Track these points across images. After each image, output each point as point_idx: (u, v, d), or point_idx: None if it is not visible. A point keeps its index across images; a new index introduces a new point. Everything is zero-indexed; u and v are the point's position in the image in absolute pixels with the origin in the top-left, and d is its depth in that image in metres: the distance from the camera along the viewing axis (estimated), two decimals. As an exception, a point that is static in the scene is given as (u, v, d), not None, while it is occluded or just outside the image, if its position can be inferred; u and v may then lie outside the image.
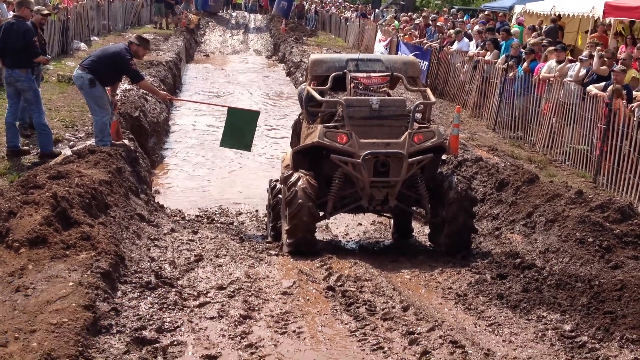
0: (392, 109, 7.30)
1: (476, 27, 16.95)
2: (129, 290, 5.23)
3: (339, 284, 5.93)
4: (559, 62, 11.64)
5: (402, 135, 7.04)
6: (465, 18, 22.97)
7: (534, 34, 15.27)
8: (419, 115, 7.65)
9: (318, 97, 7.40)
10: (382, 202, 7.27)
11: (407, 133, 7.02)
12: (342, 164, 7.02)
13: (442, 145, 7.31)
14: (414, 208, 7.87)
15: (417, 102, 7.56)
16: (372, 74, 7.55)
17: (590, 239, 6.39)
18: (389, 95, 7.74)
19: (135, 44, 8.74)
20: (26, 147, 9.02)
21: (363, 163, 6.85)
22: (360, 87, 7.46)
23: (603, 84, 10.15)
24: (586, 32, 17.53)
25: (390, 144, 6.97)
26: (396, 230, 8.58)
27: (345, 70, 7.56)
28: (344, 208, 7.55)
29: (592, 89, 10.15)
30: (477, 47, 15.67)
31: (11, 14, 11.68)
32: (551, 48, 12.22)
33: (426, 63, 17.38)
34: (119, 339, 4.46)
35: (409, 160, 6.93)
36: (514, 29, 17.60)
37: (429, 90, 7.94)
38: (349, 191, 7.34)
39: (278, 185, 7.80)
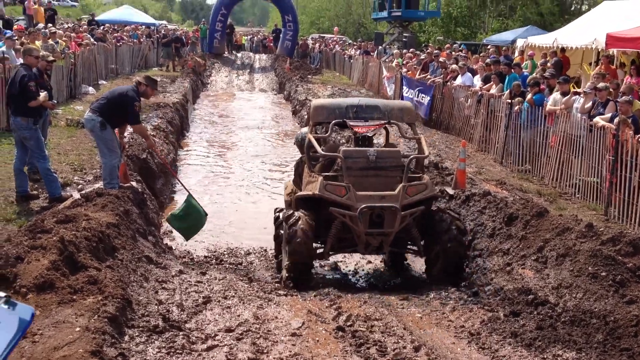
0: (388, 160, 7.68)
1: (487, 60, 17.01)
2: (136, 334, 5.17)
3: (348, 323, 5.85)
4: (563, 94, 11.66)
5: (397, 185, 7.41)
6: (462, 47, 23.14)
7: (539, 69, 15.36)
8: (412, 165, 7.96)
9: (318, 149, 7.75)
10: (377, 249, 7.70)
11: (401, 186, 7.38)
12: (340, 215, 7.38)
13: (434, 196, 7.78)
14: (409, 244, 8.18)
15: (411, 157, 7.94)
16: (369, 123, 7.96)
17: (603, 273, 6.29)
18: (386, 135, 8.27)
19: (143, 84, 8.85)
20: (35, 192, 9.04)
21: (359, 216, 7.22)
22: (359, 136, 8.12)
23: (610, 115, 10.14)
24: (590, 63, 17.65)
25: (385, 197, 7.30)
26: (391, 265, 8.92)
27: (345, 119, 7.95)
28: (341, 250, 7.99)
29: (599, 120, 10.14)
30: (481, 80, 15.75)
31: (20, 60, 11.87)
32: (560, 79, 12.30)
33: (429, 98, 17.48)
34: (127, 386, 4.39)
35: (402, 212, 7.31)
36: (526, 62, 17.74)
37: (423, 140, 8.24)
38: (346, 235, 7.68)
39: (281, 217, 8.08)
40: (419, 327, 6.12)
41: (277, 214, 8.50)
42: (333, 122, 7.96)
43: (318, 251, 7.81)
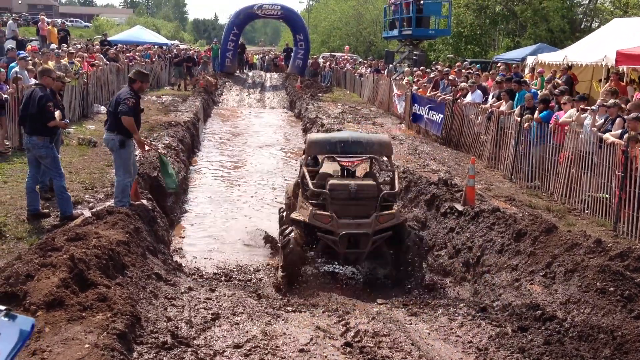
0: (366, 192, 9.16)
1: (497, 78, 17.08)
2: (145, 351, 5.21)
3: (356, 339, 5.87)
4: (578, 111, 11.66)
5: (372, 212, 9.00)
6: (476, 66, 23.20)
7: (549, 86, 15.38)
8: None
9: (309, 183, 9.25)
10: (354, 262, 9.38)
11: (374, 215, 8.94)
12: (324, 238, 9.04)
13: (401, 223, 9.28)
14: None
15: (383, 192, 9.27)
16: (353, 159, 9.88)
17: (612, 289, 6.28)
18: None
19: (138, 81, 9.09)
20: (46, 210, 9.14)
21: (340, 239, 8.86)
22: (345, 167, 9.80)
23: (619, 131, 10.14)
24: (600, 80, 17.65)
25: (360, 225, 8.93)
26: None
27: (333, 154, 9.74)
28: (326, 259, 9.53)
29: (609, 136, 10.14)
30: (492, 97, 15.79)
31: (33, 81, 12.05)
32: (566, 97, 12.29)
33: (441, 116, 17.52)
34: (134, 401, 4.42)
35: (374, 237, 8.97)
36: (535, 80, 17.78)
37: (396, 174, 9.72)
38: (330, 250, 9.21)
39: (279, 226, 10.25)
40: (426, 342, 6.12)
41: (281, 214, 10.77)
42: (324, 156, 10.11)
43: (309, 254, 9.33)
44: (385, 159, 10.52)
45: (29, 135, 8.80)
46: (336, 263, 9.51)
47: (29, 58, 15.07)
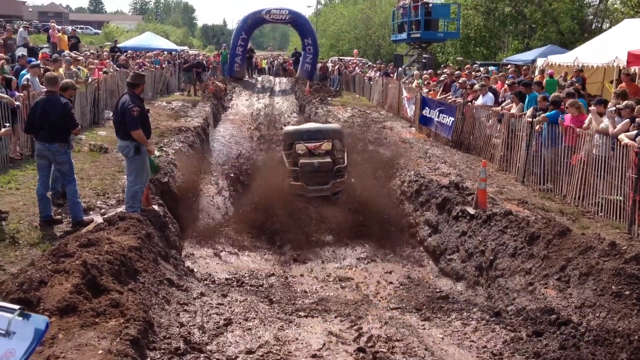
0: (325, 166, 12.57)
1: (507, 80, 17.04)
2: (158, 356, 5.20)
3: (369, 344, 5.83)
4: (599, 114, 11.52)
5: (330, 181, 12.56)
6: (491, 70, 23.11)
7: (568, 86, 15.29)
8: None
9: (287, 164, 12.95)
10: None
11: (331, 182, 12.57)
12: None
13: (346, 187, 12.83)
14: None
15: (337, 166, 12.72)
16: (315, 143, 13.05)
17: (627, 292, 6.21)
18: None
19: (141, 85, 9.19)
20: (58, 217, 9.16)
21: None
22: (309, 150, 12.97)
23: (635, 132, 10.06)
24: (611, 81, 17.55)
25: (322, 189, 12.52)
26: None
27: (302, 141, 13.04)
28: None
29: (623, 138, 10.05)
30: (504, 100, 15.73)
31: (42, 88, 12.08)
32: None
33: (452, 119, 17.46)
34: (148, 408, 4.41)
35: (333, 196, 12.61)
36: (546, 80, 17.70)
37: (345, 153, 13.30)
38: None
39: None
40: (440, 347, 6.08)
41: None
42: (295, 142, 13.13)
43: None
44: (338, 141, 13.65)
45: (48, 142, 8.81)
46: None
47: (42, 66, 15.11)
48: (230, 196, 13.84)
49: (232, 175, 14.65)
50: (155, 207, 9.82)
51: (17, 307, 2.47)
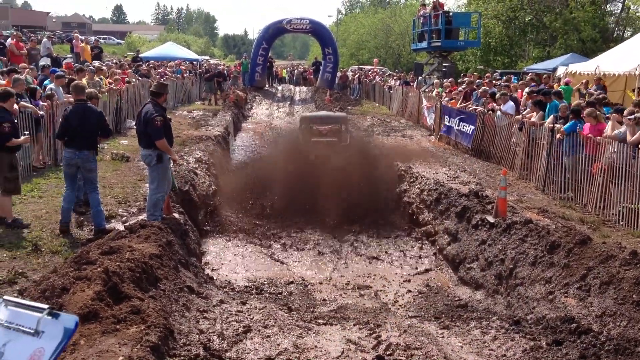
0: (330, 145, 15.67)
1: (526, 89, 16.98)
2: (178, 363, 5.25)
3: (388, 352, 5.83)
4: (619, 122, 11.43)
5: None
6: (513, 81, 23.01)
7: (589, 95, 15.18)
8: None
9: (302, 141, 16.28)
10: None
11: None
12: None
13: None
14: None
15: (341, 144, 15.77)
16: (325, 127, 16.40)
17: (648, 301, 6.16)
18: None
19: (164, 94, 9.30)
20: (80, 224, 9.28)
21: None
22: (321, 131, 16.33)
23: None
24: (633, 90, 17.40)
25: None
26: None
27: (315, 124, 16.58)
28: None
29: (643, 146, 9.97)
30: (525, 108, 15.66)
31: (65, 97, 12.25)
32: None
33: (472, 127, 17.41)
34: (168, 413, 4.45)
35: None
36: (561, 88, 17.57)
37: (348, 135, 16.71)
38: None
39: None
40: (459, 356, 6.07)
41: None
42: (309, 125, 16.63)
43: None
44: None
45: (78, 150, 8.93)
46: None
47: (66, 76, 15.34)
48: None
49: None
50: (176, 215, 9.92)
51: (46, 306, 2.49)
